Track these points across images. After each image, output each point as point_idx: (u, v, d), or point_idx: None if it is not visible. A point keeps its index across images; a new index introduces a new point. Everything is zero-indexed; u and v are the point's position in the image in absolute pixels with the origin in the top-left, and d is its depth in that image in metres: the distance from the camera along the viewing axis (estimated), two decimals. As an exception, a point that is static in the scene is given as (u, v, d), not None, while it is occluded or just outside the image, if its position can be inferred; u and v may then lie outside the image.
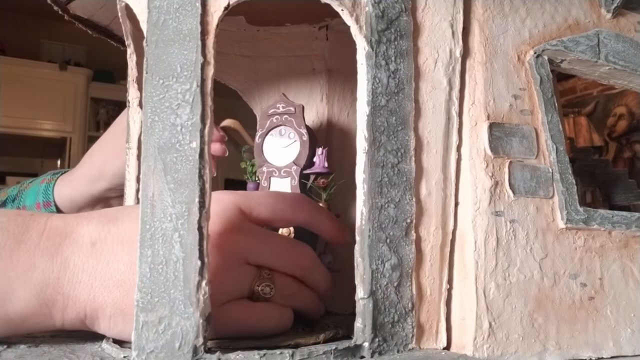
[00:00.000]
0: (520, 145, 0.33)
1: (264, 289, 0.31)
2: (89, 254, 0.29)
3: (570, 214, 0.33)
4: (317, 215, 0.35)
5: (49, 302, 0.29)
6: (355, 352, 0.28)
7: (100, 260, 0.29)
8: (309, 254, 0.34)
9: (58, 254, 0.29)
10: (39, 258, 0.29)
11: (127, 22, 0.40)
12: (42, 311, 0.29)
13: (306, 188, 0.42)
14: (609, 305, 0.34)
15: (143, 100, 0.28)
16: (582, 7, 0.38)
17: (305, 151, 0.42)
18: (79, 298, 0.29)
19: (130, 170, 0.42)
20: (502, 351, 0.30)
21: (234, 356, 0.25)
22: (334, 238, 0.36)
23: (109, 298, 0.29)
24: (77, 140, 3.45)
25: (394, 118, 0.30)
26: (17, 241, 0.29)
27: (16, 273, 0.28)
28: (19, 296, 0.28)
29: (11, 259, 0.28)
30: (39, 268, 0.29)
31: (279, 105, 0.44)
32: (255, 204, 0.32)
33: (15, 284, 0.28)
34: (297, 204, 0.34)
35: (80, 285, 0.29)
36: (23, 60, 3.26)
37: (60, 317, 0.29)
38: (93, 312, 0.29)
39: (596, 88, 2.87)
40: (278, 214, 0.33)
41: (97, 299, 0.29)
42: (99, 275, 0.29)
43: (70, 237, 0.30)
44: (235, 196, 0.32)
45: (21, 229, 0.29)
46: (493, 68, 0.33)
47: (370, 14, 0.30)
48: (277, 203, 0.33)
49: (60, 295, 0.29)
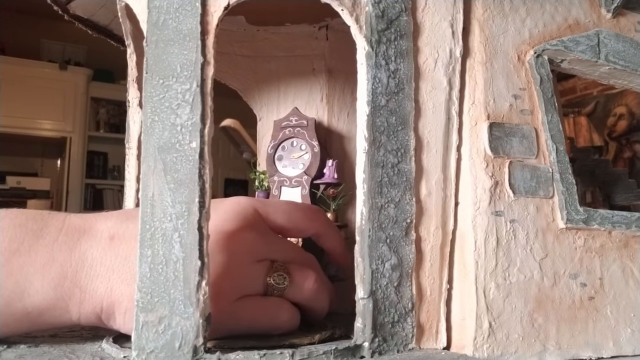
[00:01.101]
0: (520, 145, 0.33)
1: (277, 279, 0.31)
2: (107, 248, 0.30)
3: (570, 214, 0.33)
4: (329, 230, 0.36)
5: (66, 295, 0.29)
6: (355, 352, 0.28)
7: (118, 254, 0.29)
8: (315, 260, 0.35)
9: (76, 248, 0.29)
10: (57, 252, 0.29)
11: (127, 22, 0.40)
12: (60, 305, 0.29)
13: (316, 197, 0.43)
14: (609, 305, 0.34)
15: (143, 100, 0.28)
16: (582, 7, 0.38)
17: (316, 162, 0.44)
18: (96, 291, 0.29)
19: (130, 170, 0.42)
20: (502, 351, 0.30)
21: (234, 356, 0.25)
22: (336, 255, 0.37)
23: (126, 291, 0.29)
24: (77, 140, 3.45)
25: (394, 118, 0.30)
26: (36, 237, 0.29)
27: (35, 267, 0.29)
28: (37, 289, 0.29)
29: (30, 254, 0.29)
30: (57, 262, 0.29)
31: (292, 118, 0.46)
32: (272, 209, 0.33)
33: (34, 277, 0.29)
34: (312, 215, 0.35)
35: (98, 278, 0.29)
36: (23, 60, 3.26)
37: (77, 311, 0.29)
38: (109, 305, 0.29)
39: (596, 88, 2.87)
40: (292, 222, 0.34)
41: (114, 292, 0.29)
42: (117, 269, 0.29)
43: (89, 232, 0.30)
44: (253, 200, 0.33)
45: (40, 226, 0.30)
46: (493, 68, 0.33)
47: (370, 14, 0.30)
48: (292, 211, 0.34)
49: (77, 288, 0.29)
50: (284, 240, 0.34)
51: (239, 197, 0.33)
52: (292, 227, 0.34)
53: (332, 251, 0.37)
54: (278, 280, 0.31)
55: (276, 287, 0.31)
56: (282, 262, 0.32)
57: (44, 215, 0.31)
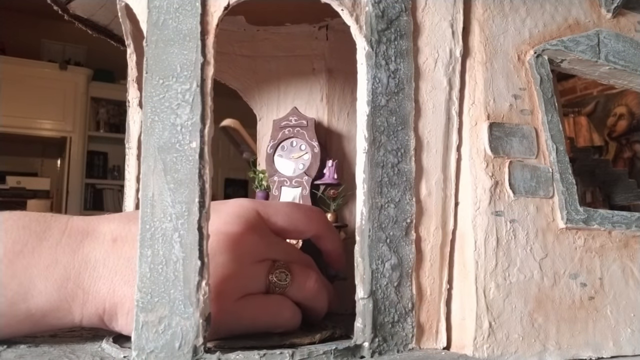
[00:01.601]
0: (520, 145, 0.33)
1: (279, 276, 0.31)
2: (110, 250, 0.30)
3: (570, 214, 0.33)
4: (328, 231, 0.37)
5: (69, 296, 0.29)
6: (355, 352, 0.28)
7: (121, 256, 0.30)
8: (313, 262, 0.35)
9: (80, 249, 0.30)
10: (60, 254, 0.29)
11: (127, 22, 0.40)
12: (63, 306, 0.29)
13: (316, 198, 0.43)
14: (609, 305, 0.34)
15: (143, 100, 0.28)
16: (582, 6, 0.38)
17: (316, 162, 0.44)
18: (99, 293, 0.29)
19: (130, 170, 0.42)
20: (502, 351, 0.30)
21: (234, 356, 0.26)
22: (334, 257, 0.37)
23: (129, 293, 0.29)
24: (77, 140, 3.45)
25: (394, 118, 0.30)
26: (39, 239, 0.29)
27: (38, 269, 0.29)
28: (40, 291, 0.29)
29: (33, 255, 0.29)
30: (60, 263, 0.29)
31: (291, 118, 0.45)
32: (273, 211, 0.33)
33: (37, 279, 0.29)
34: (312, 216, 0.36)
35: (101, 279, 0.29)
36: (23, 60, 3.26)
37: (80, 313, 0.29)
38: (112, 307, 0.29)
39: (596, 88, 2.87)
40: (293, 223, 0.34)
41: (117, 293, 0.29)
42: (120, 271, 0.29)
43: (92, 235, 0.30)
44: (255, 203, 0.33)
45: (43, 228, 0.30)
46: (493, 68, 0.33)
47: (370, 14, 0.30)
48: (292, 213, 0.34)
49: (80, 289, 0.29)
50: (284, 242, 0.35)
51: (240, 200, 0.33)
52: (292, 228, 0.34)
53: (330, 253, 0.37)
54: (280, 277, 0.31)
55: (278, 284, 0.31)
56: (283, 262, 0.32)
57: (47, 217, 0.31)
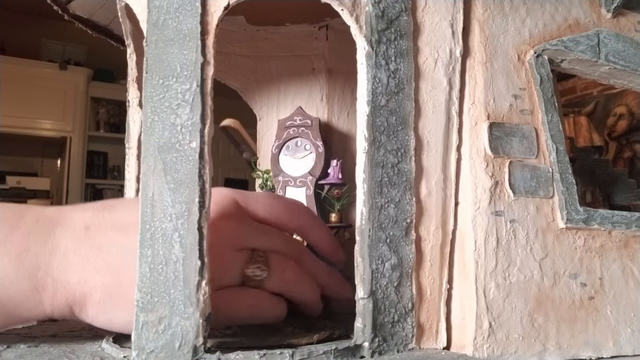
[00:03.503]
0: (520, 145, 0.33)
1: (255, 272, 0.31)
2: (82, 238, 0.29)
3: (570, 214, 0.33)
4: (313, 225, 0.36)
5: (39, 285, 0.28)
6: (355, 352, 0.28)
7: (93, 244, 0.29)
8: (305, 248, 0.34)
9: (50, 237, 0.29)
10: (32, 242, 0.29)
11: (127, 22, 0.40)
12: (34, 296, 0.29)
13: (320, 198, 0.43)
14: (609, 305, 0.34)
15: (143, 100, 0.28)
16: (582, 6, 0.38)
17: (320, 162, 0.44)
18: (69, 282, 0.29)
19: (130, 170, 0.42)
20: (502, 351, 0.30)
21: (234, 356, 0.26)
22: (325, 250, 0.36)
23: (99, 282, 0.29)
24: (77, 140, 3.45)
25: (394, 118, 0.30)
26: (12, 227, 0.29)
27: (9, 258, 0.28)
28: (11, 280, 0.28)
29: (5, 244, 0.29)
30: (31, 252, 0.29)
31: (296, 118, 0.45)
32: (253, 200, 0.33)
33: (9, 268, 0.28)
34: (295, 209, 0.35)
35: (71, 268, 0.29)
36: (23, 60, 3.26)
37: (50, 303, 0.29)
38: (82, 297, 0.29)
39: (596, 88, 2.87)
40: (274, 214, 0.33)
41: (88, 283, 0.29)
42: (92, 259, 0.29)
43: (64, 222, 0.30)
44: (234, 192, 0.32)
45: (17, 217, 0.30)
46: (493, 68, 0.33)
47: (370, 14, 0.30)
48: (274, 204, 0.34)
49: (50, 278, 0.29)
50: (267, 228, 0.33)
51: (219, 188, 0.32)
52: (273, 219, 0.33)
53: (319, 246, 0.36)
54: (256, 272, 0.31)
55: (253, 279, 0.31)
56: (264, 250, 0.31)
57: (22, 208, 0.31)
